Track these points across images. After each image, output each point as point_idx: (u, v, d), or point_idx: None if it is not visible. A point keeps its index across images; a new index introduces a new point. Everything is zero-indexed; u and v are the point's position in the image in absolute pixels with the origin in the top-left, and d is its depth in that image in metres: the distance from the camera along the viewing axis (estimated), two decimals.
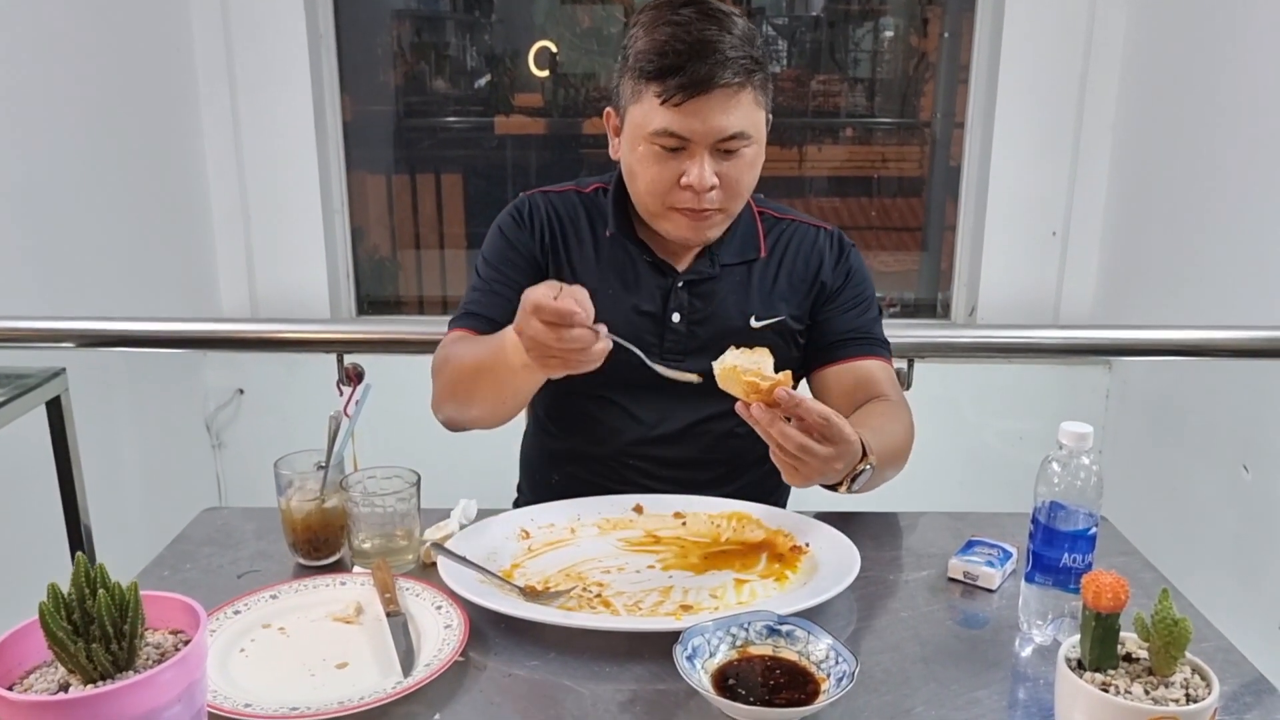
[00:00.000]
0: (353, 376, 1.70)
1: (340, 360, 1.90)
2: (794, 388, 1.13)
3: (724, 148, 1.33)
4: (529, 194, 1.54)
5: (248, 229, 3.10)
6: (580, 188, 1.54)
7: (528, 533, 1.32)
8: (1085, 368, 3.01)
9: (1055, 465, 1.08)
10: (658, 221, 1.42)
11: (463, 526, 1.32)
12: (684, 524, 1.35)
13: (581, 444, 1.54)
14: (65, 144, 2.41)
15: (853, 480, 1.22)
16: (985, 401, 3.08)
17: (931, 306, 3.37)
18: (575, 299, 1.11)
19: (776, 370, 1.13)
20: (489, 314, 1.43)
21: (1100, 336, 2.23)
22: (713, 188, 1.34)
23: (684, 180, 1.34)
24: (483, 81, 3.38)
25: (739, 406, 1.12)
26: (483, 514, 1.37)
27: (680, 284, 1.47)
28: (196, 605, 0.87)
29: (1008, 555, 1.27)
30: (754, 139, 1.35)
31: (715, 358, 1.40)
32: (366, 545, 1.26)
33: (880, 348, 1.51)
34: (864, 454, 1.21)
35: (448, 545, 1.23)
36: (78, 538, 1.95)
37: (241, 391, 3.17)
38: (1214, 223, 2.40)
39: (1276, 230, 2.14)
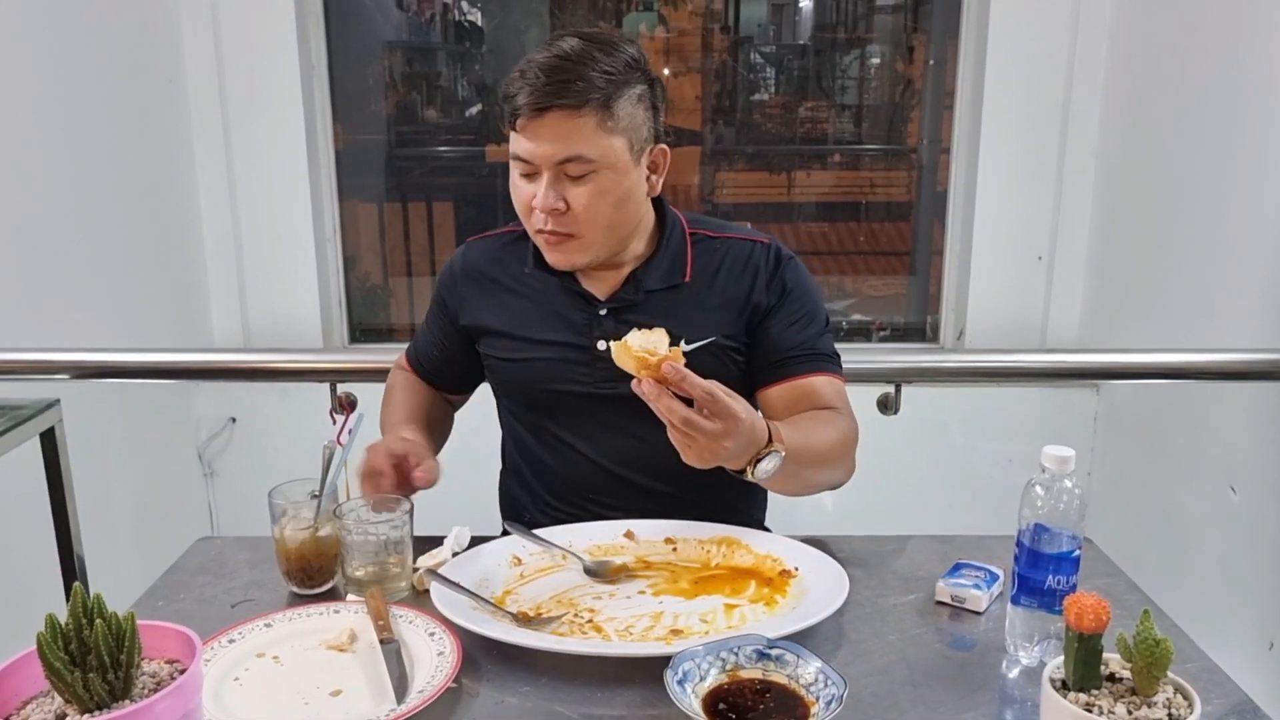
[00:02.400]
0: (345, 406, 1.72)
1: (333, 389, 1.92)
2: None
3: (567, 172, 1.34)
4: (466, 243, 1.59)
5: (240, 257, 3.10)
6: (515, 227, 1.56)
7: (519, 559, 1.33)
8: (1073, 391, 3.03)
9: (1039, 488, 1.10)
10: (538, 244, 1.45)
11: (456, 554, 1.33)
12: (674, 549, 1.37)
13: (541, 485, 1.57)
14: (58, 174, 2.41)
15: (755, 464, 1.20)
16: (973, 425, 3.10)
17: (920, 330, 3.38)
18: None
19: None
20: (423, 357, 1.65)
21: (1087, 360, 2.25)
22: (555, 210, 1.35)
23: (533, 202, 1.37)
24: (474, 111, 3.40)
25: (633, 384, 1.13)
26: (476, 541, 1.38)
27: (603, 312, 1.48)
28: (192, 634, 0.88)
29: (994, 578, 1.28)
30: (599, 164, 1.34)
31: None
32: (360, 573, 1.27)
33: (825, 362, 1.48)
34: (770, 440, 1.20)
35: (441, 572, 1.24)
36: (71, 568, 1.96)
37: (234, 420, 3.17)
38: (1197, 246, 2.42)
39: (1260, 252, 2.17)
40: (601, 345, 1.45)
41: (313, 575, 1.29)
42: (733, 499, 1.54)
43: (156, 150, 2.87)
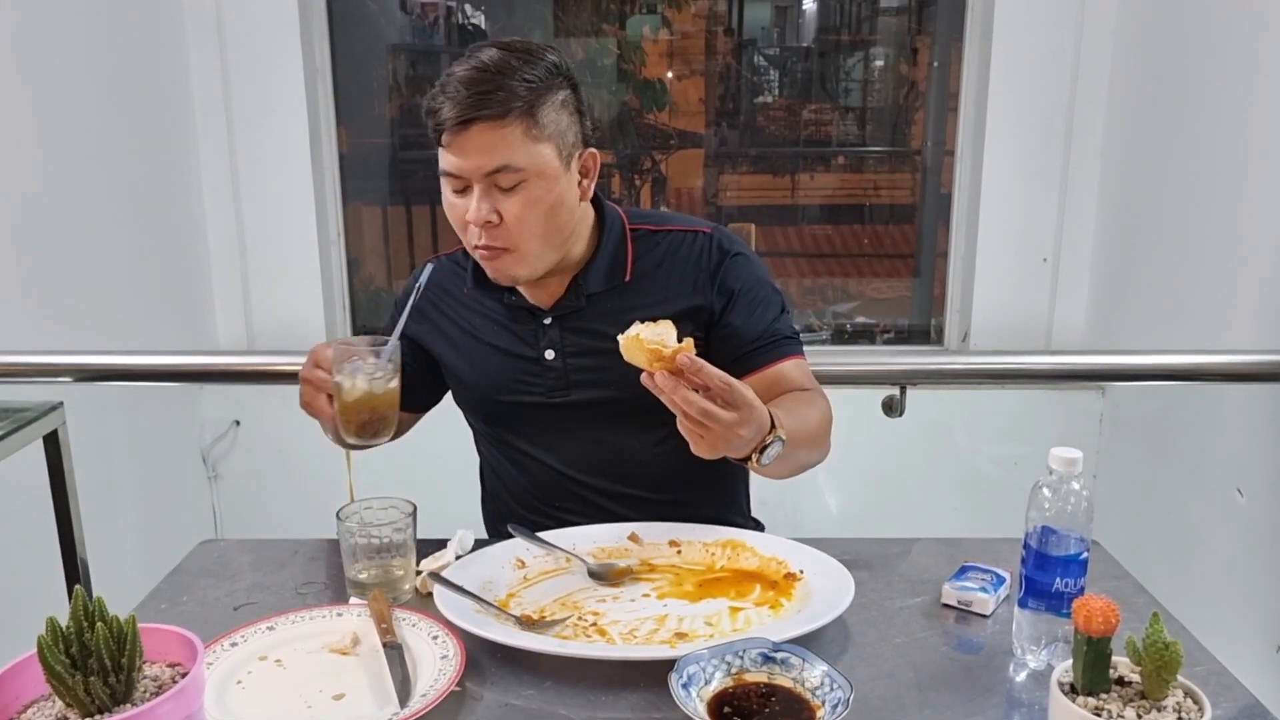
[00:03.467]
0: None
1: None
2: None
3: (496, 183, 1.32)
4: (427, 261, 1.55)
5: (244, 261, 3.11)
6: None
7: (523, 562, 1.33)
8: (1078, 392, 3.02)
9: (1046, 490, 1.09)
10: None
11: (459, 557, 1.33)
12: (679, 551, 1.36)
13: (511, 499, 1.57)
14: (63, 178, 2.42)
15: (761, 452, 1.21)
16: (978, 427, 3.09)
17: (925, 332, 3.38)
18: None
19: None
20: None
21: (1092, 362, 2.24)
22: (488, 223, 1.33)
23: (466, 217, 1.35)
24: None
25: (644, 377, 1.12)
26: (479, 544, 1.37)
27: (547, 320, 1.47)
28: (194, 637, 0.88)
29: (1001, 580, 1.28)
30: (528, 172, 1.32)
31: (600, 391, 1.45)
32: (363, 576, 1.26)
33: (788, 345, 1.46)
34: (773, 426, 1.21)
35: (444, 575, 1.24)
36: (74, 571, 1.95)
37: (238, 423, 3.17)
38: (1203, 246, 2.42)
39: (1266, 253, 2.16)
40: (549, 355, 1.47)
41: (375, 426, 1.28)
42: (707, 489, 1.54)
43: (161, 153, 2.88)
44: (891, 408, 2.05)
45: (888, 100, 3.38)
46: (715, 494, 1.58)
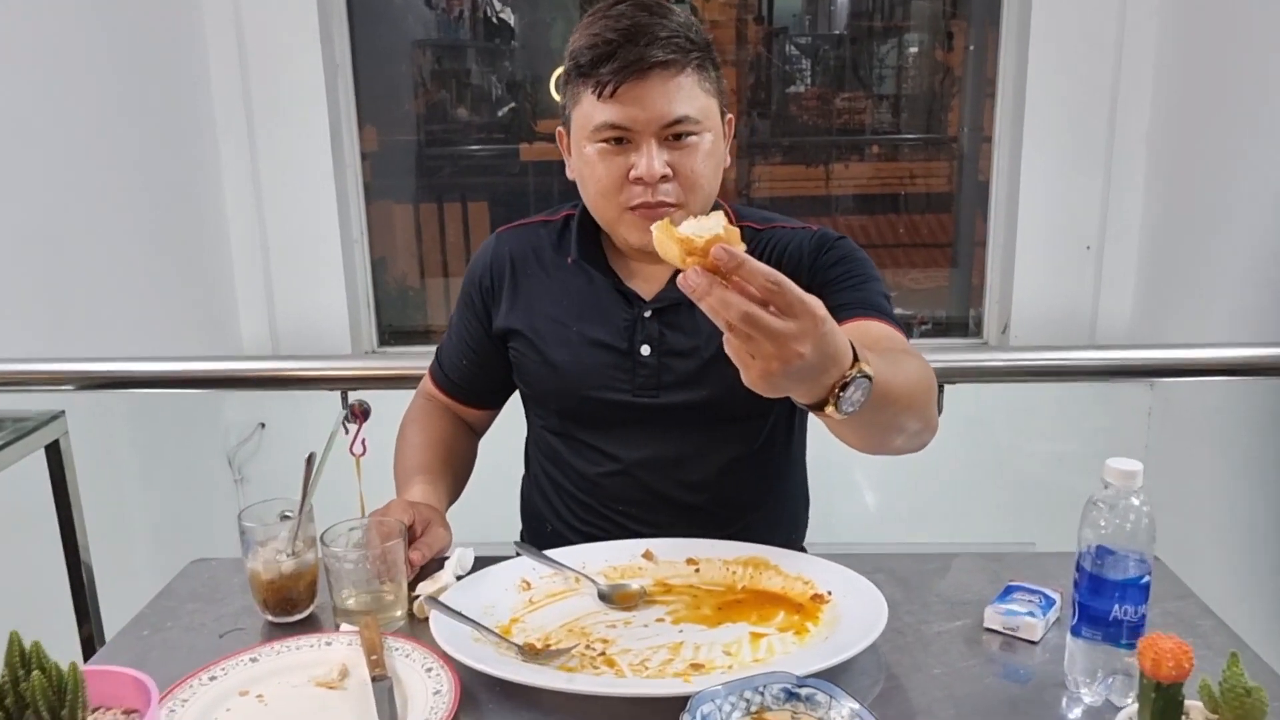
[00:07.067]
0: (358, 414, 1.62)
1: (344, 397, 1.83)
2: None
3: (671, 133, 1.25)
4: (496, 233, 1.48)
5: (267, 261, 3.08)
6: (551, 216, 1.47)
7: (529, 583, 1.23)
8: (1125, 385, 2.90)
9: (1101, 506, 0.98)
10: (616, 230, 1.33)
11: (459, 577, 1.23)
12: (697, 571, 1.25)
13: (566, 491, 1.45)
14: (83, 180, 2.38)
15: (841, 392, 0.92)
16: (1020, 422, 2.98)
17: (963, 324, 3.29)
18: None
19: None
20: (450, 369, 1.51)
21: (1140, 357, 2.09)
22: (665, 178, 1.25)
23: (632, 174, 1.26)
24: (505, 110, 3.38)
25: (679, 279, 0.88)
26: (482, 561, 1.27)
27: (647, 313, 1.36)
28: (148, 682, 0.80)
29: (1050, 602, 1.15)
30: (704, 126, 1.27)
31: (694, 393, 1.34)
32: (350, 602, 1.16)
33: (883, 310, 1.28)
34: (855, 360, 0.93)
35: (442, 599, 1.14)
36: (80, 585, 1.89)
37: (263, 425, 3.13)
38: (1256, 232, 2.30)
39: None
40: (645, 350, 1.35)
41: (294, 603, 1.19)
42: (774, 514, 1.43)
43: (181, 153, 2.85)
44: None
45: (922, 87, 3.32)
46: (789, 513, 1.48)
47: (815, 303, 0.86)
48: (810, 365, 0.87)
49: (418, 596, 1.18)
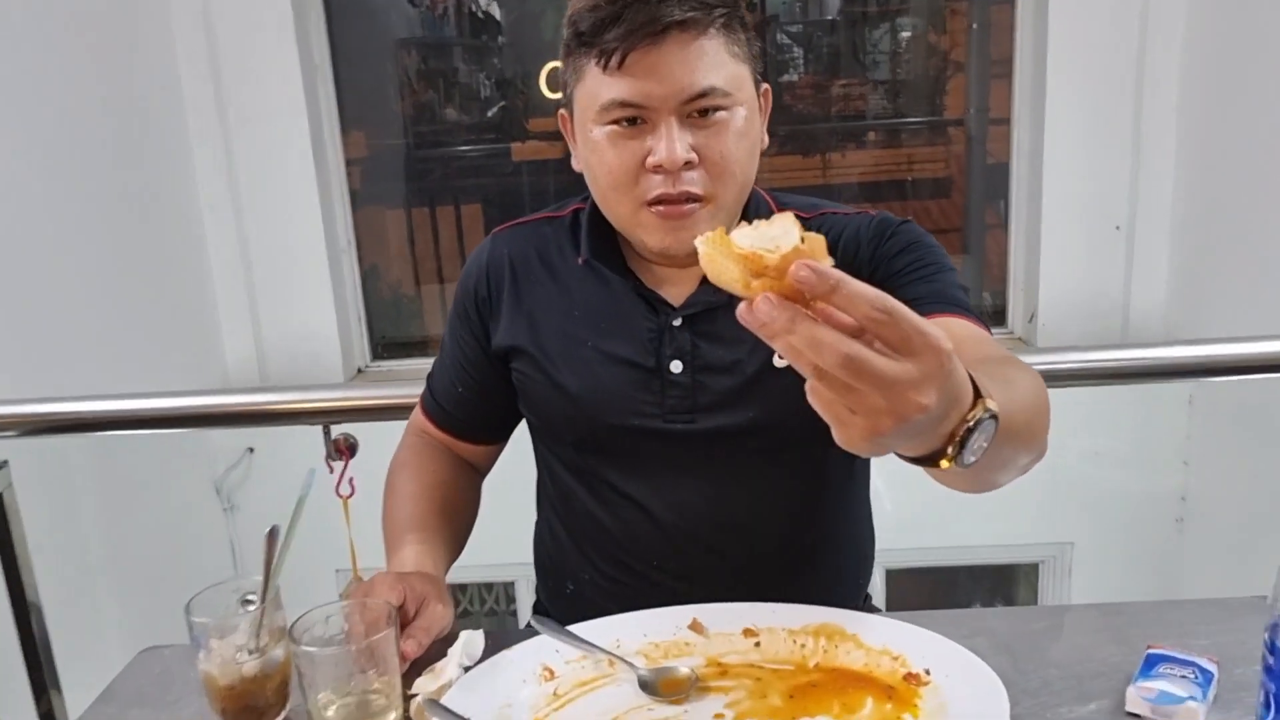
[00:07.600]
0: (344, 450, 1.43)
1: (327, 433, 1.60)
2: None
3: (695, 109, 1.04)
4: (492, 234, 1.26)
5: (249, 275, 3.00)
6: (557, 212, 1.25)
7: (552, 671, 1.00)
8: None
9: None
10: (632, 231, 1.11)
11: (466, 669, 1.01)
12: (757, 644, 1.04)
13: (586, 540, 1.24)
14: (43, 198, 2.26)
15: (964, 441, 0.69)
16: (1053, 415, 2.84)
17: (979, 311, 3.17)
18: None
19: None
20: (445, 399, 1.29)
21: (1180, 355, 1.80)
22: (689, 164, 1.04)
23: (650, 160, 1.04)
24: (495, 109, 3.34)
25: (740, 309, 0.62)
26: (493, 640, 1.05)
27: (677, 322, 1.14)
28: None
29: (1208, 677, 0.92)
30: (735, 99, 1.05)
31: (736, 416, 1.14)
32: (331, 710, 0.92)
33: (968, 312, 1.07)
34: (977, 397, 0.70)
35: (444, 702, 0.93)
36: (35, 658, 1.67)
37: (251, 450, 3.02)
38: None
39: None
40: (676, 368, 1.13)
41: (261, 712, 0.96)
42: (839, 563, 1.23)
43: (152, 167, 2.76)
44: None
45: (920, 70, 3.31)
46: (855, 559, 1.28)
47: (938, 335, 0.63)
48: (932, 415, 0.64)
49: (415, 696, 0.97)
